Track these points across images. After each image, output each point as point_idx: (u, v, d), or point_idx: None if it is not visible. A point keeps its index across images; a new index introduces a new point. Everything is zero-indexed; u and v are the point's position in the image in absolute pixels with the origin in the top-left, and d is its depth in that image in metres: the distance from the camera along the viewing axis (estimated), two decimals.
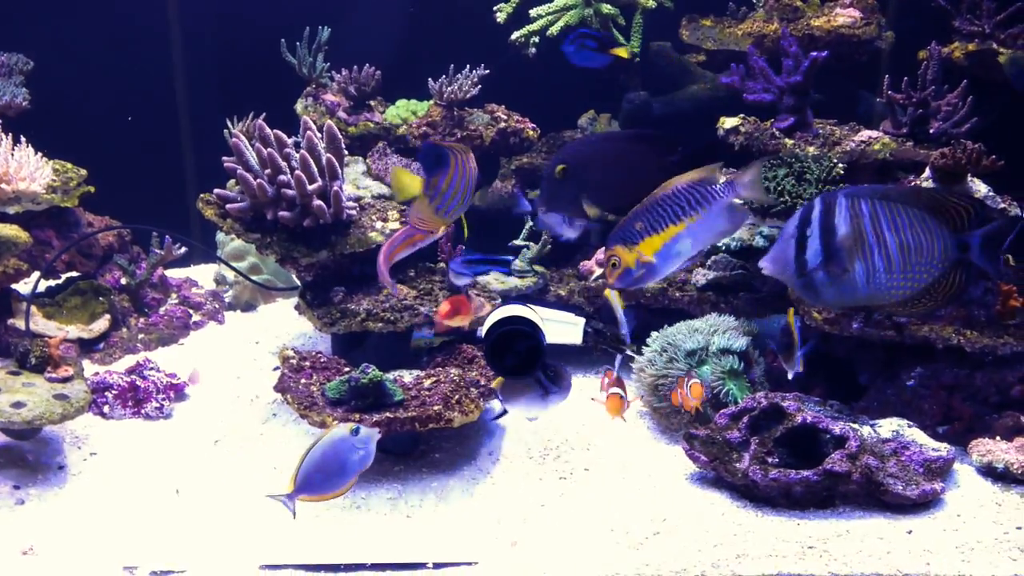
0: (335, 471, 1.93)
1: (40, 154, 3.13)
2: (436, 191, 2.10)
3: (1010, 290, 2.56)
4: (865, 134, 2.89)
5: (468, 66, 3.47)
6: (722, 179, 2.01)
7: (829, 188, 2.71)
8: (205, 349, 3.43)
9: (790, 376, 2.34)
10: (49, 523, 2.26)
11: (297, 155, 2.83)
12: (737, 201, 2.10)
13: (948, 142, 2.76)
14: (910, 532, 2.19)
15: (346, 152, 3.02)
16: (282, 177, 2.81)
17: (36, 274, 3.14)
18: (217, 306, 3.74)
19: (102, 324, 3.27)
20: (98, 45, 4.08)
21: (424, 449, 2.63)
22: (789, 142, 2.91)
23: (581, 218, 2.57)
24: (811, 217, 1.73)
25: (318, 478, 1.93)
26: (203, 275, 4.03)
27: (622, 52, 2.69)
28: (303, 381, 2.63)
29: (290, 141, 2.89)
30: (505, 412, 2.06)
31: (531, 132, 3.45)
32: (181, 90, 4.35)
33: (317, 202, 2.81)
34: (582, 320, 1.89)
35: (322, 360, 2.77)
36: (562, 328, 1.86)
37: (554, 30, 3.41)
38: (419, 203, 2.12)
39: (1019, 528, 2.19)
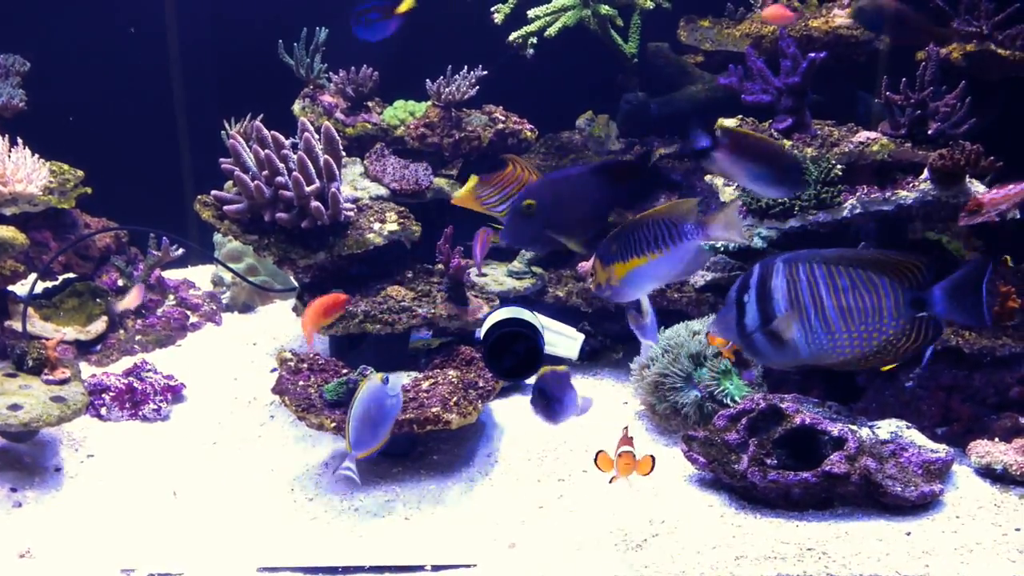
0: (378, 421, 2.04)
1: (37, 155, 3.12)
2: (487, 187, 2.26)
3: (1009, 291, 2.56)
4: (863, 135, 2.88)
5: (466, 67, 3.47)
6: (692, 220, 2.01)
7: (828, 189, 2.71)
8: (202, 351, 3.42)
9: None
10: (46, 526, 2.26)
11: (295, 156, 2.83)
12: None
13: (946, 143, 2.76)
14: (909, 534, 2.19)
15: (344, 153, 3.01)
16: (279, 179, 2.80)
17: (33, 276, 3.13)
18: (214, 307, 3.73)
19: (99, 326, 3.27)
20: (95, 46, 4.08)
21: (422, 451, 2.63)
22: (787, 143, 2.91)
23: (549, 248, 2.61)
24: (749, 283, 1.79)
25: (367, 432, 2.02)
26: (200, 276, 4.02)
27: (406, 5, 2.67)
28: (301, 383, 2.63)
29: (287, 142, 2.88)
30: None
31: (529, 133, 3.45)
32: (178, 91, 4.35)
33: (315, 203, 2.80)
34: (582, 337, 1.90)
35: (320, 362, 2.77)
36: (561, 340, 1.86)
37: (552, 31, 3.40)
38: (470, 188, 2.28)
39: (1018, 530, 2.19)
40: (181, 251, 3.65)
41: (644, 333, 2.24)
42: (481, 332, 1.90)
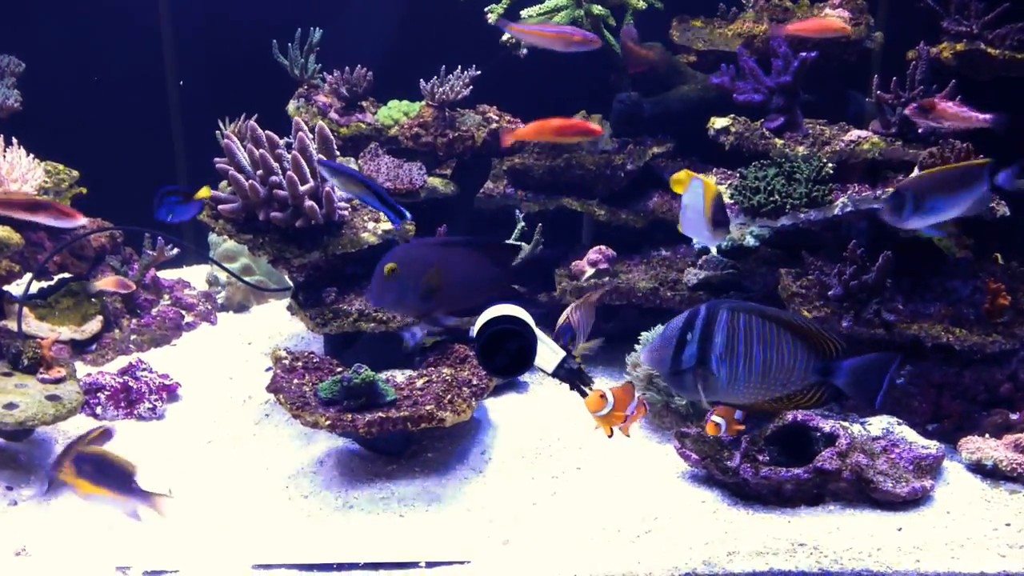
0: None
1: (32, 155, 3.13)
2: None
3: (999, 288, 2.58)
4: (854, 134, 2.90)
5: (460, 67, 3.48)
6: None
7: (819, 188, 2.73)
8: (198, 350, 3.43)
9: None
10: (42, 524, 2.26)
11: (289, 156, 2.83)
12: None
13: (937, 141, 2.78)
14: (900, 529, 2.21)
15: (338, 153, 3.02)
16: (274, 178, 2.81)
17: (28, 275, 3.14)
18: (209, 307, 3.74)
19: (94, 325, 3.27)
20: (90, 47, 4.08)
21: (416, 449, 2.64)
22: (779, 142, 2.93)
23: (418, 317, 2.64)
24: (695, 323, 1.90)
25: None
26: (195, 276, 4.03)
27: (204, 193, 2.79)
28: (296, 381, 2.64)
29: (282, 142, 2.89)
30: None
31: None
32: (173, 91, 4.35)
33: (309, 203, 2.81)
34: (563, 354, 1.92)
35: (315, 360, 2.78)
36: (542, 350, 1.88)
37: None
38: None
39: (1008, 525, 2.21)
40: (176, 251, 3.66)
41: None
42: (474, 330, 1.91)
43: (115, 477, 1.99)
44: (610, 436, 2.07)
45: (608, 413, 2.02)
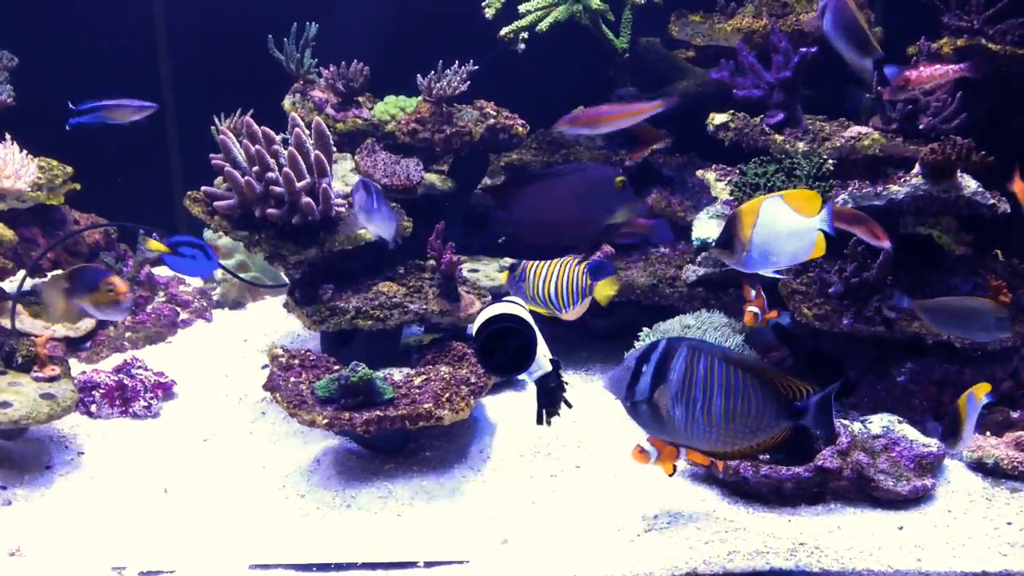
0: None
1: (25, 151, 3.10)
2: None
3: (1000, 286, 2.57)
4: (855, 130, 2.89)
5: (457, 62, 3.46)
6: None
7: (820, 184, 2.71)
8: (193, 347, 3.41)
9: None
10: (36, 524, 2.24)
11: (285, 152, 2.81)
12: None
13: (938, 138, 2.77)
14: (901, 528, 2.20)
15: (334, 149, 3.00)
16: (270, 174, 2.79)
17: (22, 272, 3.11)
18: (205, 304, 3.72)
19: (89, 323, 3.25)
20: (84, 41, 4.05)
21: (414, 447, 2.62)
22: (779, 138, 2.91)
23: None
24: (651, 356, 1.84)
25: None
26: None
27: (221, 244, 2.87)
28: (292, 379, 2.62)
29: (278, 138, 2.87)
30: None
31: (520, 128, 3.44)
32: (167, 86, 4.33)
33: (306, 199, 2.79)
34: (549, 368, 1.90)
35: (311, 358, 2.76)
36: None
37: (543, 26, 3.39)
38: None
39: (1009, 523, 2.20)
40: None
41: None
42: (473, 328, 1.89)
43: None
44: (671, 474, 2.16)
45: (657, 460, 2.12)
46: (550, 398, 1.93)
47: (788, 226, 2.10)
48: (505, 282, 2.16)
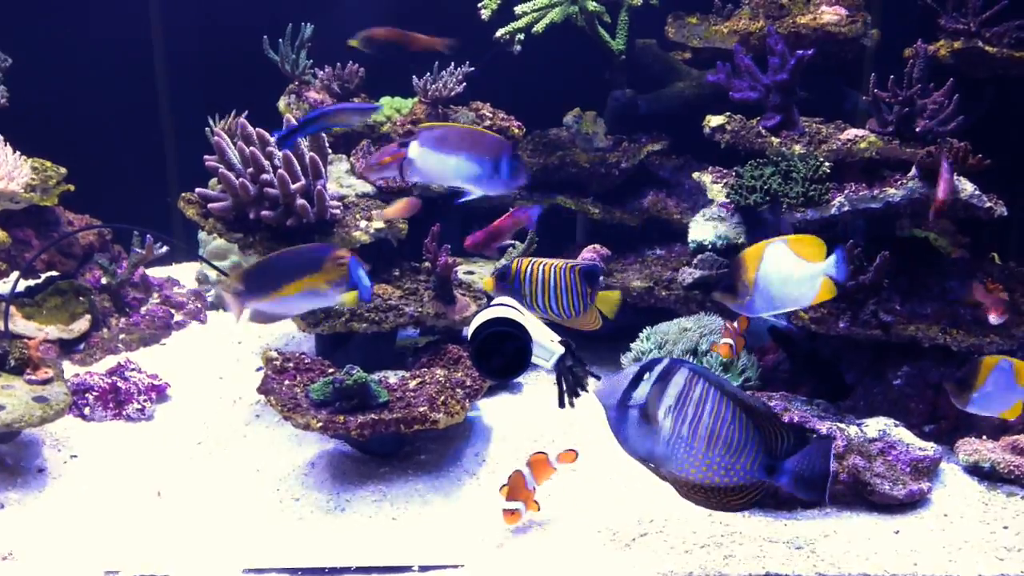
0: None
1: (19, 152, 3.09)
2: None
3: (996, 289, 2.56)
4: (851, 132, 2.88)
5: (453, 63, 3.45)
6: None
7: (816, 187, 2.71)
8: (187, 349, 3.40)
9: None
10: (29, 527, 2.23)
11: (280, 154, 2.80)
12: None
13: (934, 140, 2.76)
14: (897, 532, 2.19)
15: (330, 150, 2.99)
16: (265, 176, 2.78)
17: (15, 274, 3.10)
18: (199, 305, 3.70)
19: (82, 324, 3.24)
20: (78, 42, 4.04)
21: (409, 451, 2.61)
22: (775, 140, 2.90)
23: None
24: (654, 367, 1.86)
25: None
26: (185, 274, 3.99)
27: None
28: (287, 382, 2.61)
29: (273, 139, 2.85)
30: None
31: (516, 130, 3.43)
32: (162, 88, 4.31)
33: (300, 201, 2.78)
34: (562, 350, 1.89)
35: (306, 361, 2.75)
36: (538, 349, 1.85)
37: (539, 27, 3.38)
38: None
39: (1006, 527, 2.20)
40: (165, 249, 3.62)
41: None
42: (469, 331, 1.88)
43: None
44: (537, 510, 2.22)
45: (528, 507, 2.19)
46: (573, 377, 1.92)
47: (792, 271, 2.12)
48: (492, 289, 2.13)
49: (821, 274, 2.11)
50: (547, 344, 1.88)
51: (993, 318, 2.55)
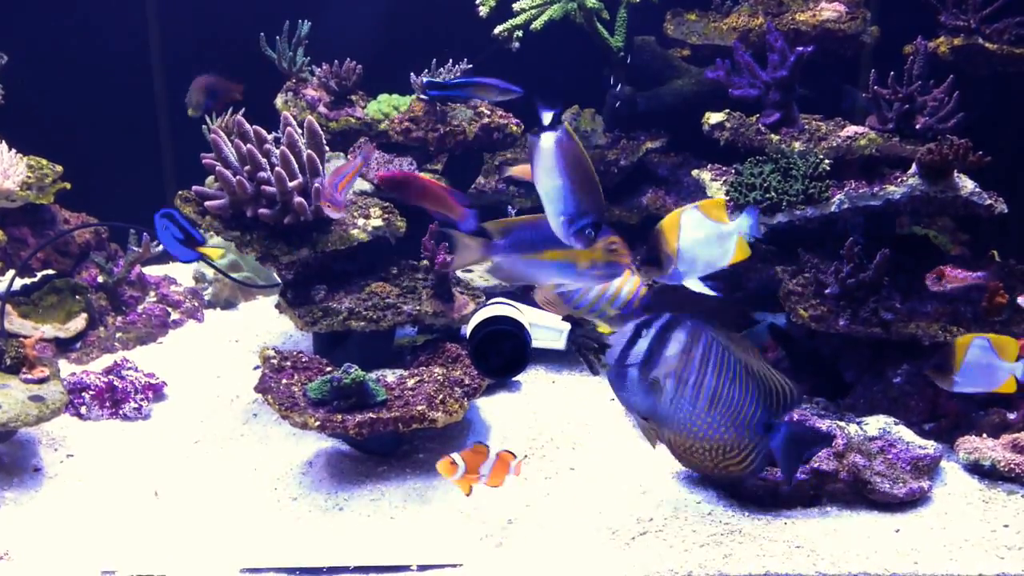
0: None
1: (14, 150, 3.07)
2: None
3: (996, 287, 2.56)
4: (851, 129, 2.87)
5: (451, 60, 3.43)
6: None
7: (816, 184, 2.70)
8: (184, 348, 3.38)
9: None
10: (25, 527, 2.22)
11: (277, 151, 2.79)
12: None
13: (934, 138, 2.75)
14: (897, 531, 2.19)
15: (327, 148, 2.98)
16: (262, 174, 2.76)
17: (11, 272, 3.09)
18: (196, 304, 3.69)
19: (79, 323, 3.22)
20: (74, 39, 4.02)
21: (407, 449, 2.60)
22: (775, 138, 2.89)
23: None
24: (653, 323, 1.83)
25: None
26: (182, 273, 3.98)
27: (212, 253, 2.79)
28: (284, 381, 2.59)
29: (270, 137, 2.84)
30: None
31: (515, 128, 3.42)
32: (159, 85, 4.30)
33: (298, 199, 2.76)
34: (568, 327, 1.88)
35: (303, 360, 2.73)
36: (547, 333, 1.84)
37: (538, 24, 3.37)
38: None
39: (1006, 526, 2.19)
40: (162, 247, 3.60)
41: None
42: (467, 330, 1.87)
43: None
44: (467, 494, 2.13)
45: (463, 476, 2.10)
46: (592, 344, 1.92)
47: (709, 234, 2.12)
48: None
49: (735, 233, 2.12)
50: (553, 325, 1.87)
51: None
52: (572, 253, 2.04)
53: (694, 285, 2.09)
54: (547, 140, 1.88)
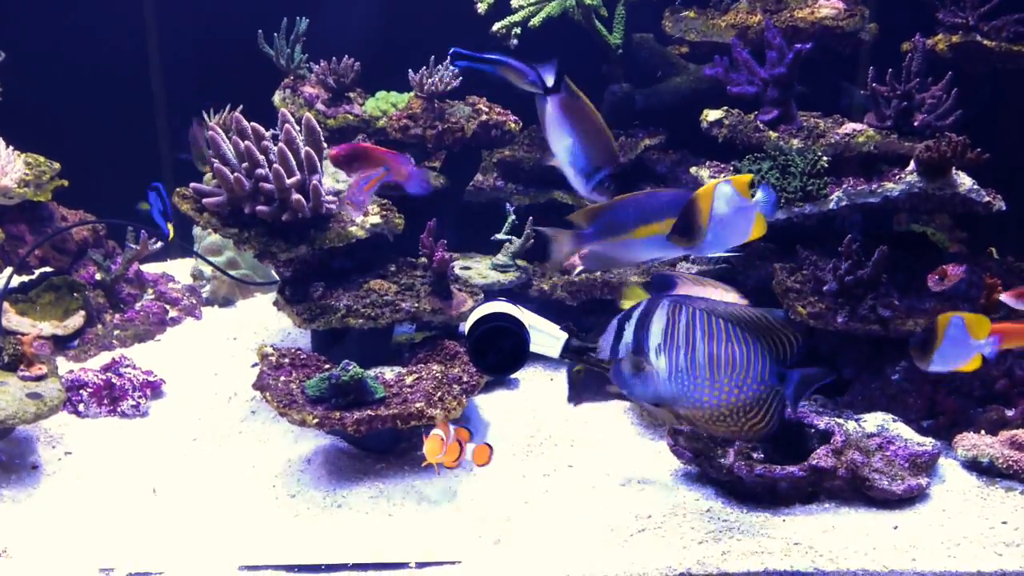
0: None
1: (12, 147, 3.07)
2: None
3: (995, 283, 2.56)
4: (849, 127, 2.87)
5: (449, 57, 3.42)
6: None
7: (814, 181, 2.70)
8: (182, 345, 3.38)
9: None
10: (23, 525, 2.22)
11: (275, 148, 2.78)
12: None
13: (933, 135, 2.76)
14: (896, 527, 2.19)
15: (325, 145, 2.97)
16: (260, 171, 2.76)
17: (8, 270, 3.08)
18: (194, 301, 3.69)
19: (76, 320, 3.22)
20: (72, 36, 4.01)
21: (406, 447, 2.60)
22: (773, 135, 2.89)
23: None
24: (632, 313, 1.87)
25: None
26: (180, 270, 3.98)
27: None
28: (282, 378, 2.59)
29: (268, 134, 2.84)
30: None
31: (513, 125, 3.41)
32: (156, 82, 4.29)
33: (296, 196, 2.76)
34: (565, 336, 1.88)
35: (302, 357, 2.73)
36: (543, 339, 1.84)
37: (536, 21, 3.37)
38: None
39: (1004, 522, 2.19)
40: (160, 244, 3.60)
41: None
42: (466, 327, 1.87)
43: None
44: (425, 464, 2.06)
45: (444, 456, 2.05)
46: (585, 356, 1.91)
47: (737, 208, 2.11)
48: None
49: (756, 209, 2.10)
50: (551, 332, 1.87)
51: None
52: (658, 225, 2.04)
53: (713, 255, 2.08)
54: (551, 103, 1.87)
